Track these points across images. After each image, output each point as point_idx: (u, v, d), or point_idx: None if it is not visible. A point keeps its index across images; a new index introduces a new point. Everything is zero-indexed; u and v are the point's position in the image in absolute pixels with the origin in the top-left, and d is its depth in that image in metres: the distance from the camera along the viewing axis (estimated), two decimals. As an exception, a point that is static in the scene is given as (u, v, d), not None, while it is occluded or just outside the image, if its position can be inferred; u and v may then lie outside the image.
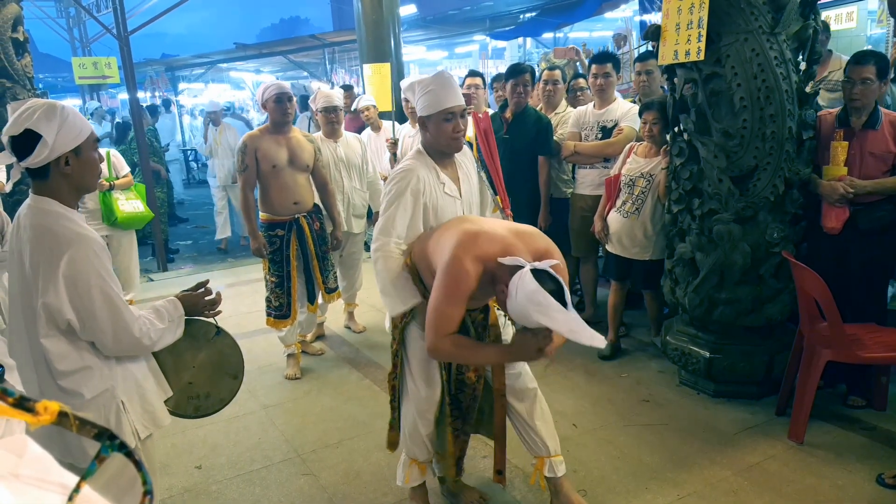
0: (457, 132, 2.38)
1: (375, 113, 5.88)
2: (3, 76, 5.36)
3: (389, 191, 2.40)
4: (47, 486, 0.38)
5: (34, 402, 0.38)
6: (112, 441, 0.39)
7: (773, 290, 3.36)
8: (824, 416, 3.24)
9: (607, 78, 4.36)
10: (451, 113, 2.35)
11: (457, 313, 2.02)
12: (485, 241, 2.02)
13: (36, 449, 0.42)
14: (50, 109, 1.79)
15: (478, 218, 2.37)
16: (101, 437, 0.39)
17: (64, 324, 1.82)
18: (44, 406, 0.37)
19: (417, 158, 2.44)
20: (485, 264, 1.99)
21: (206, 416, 2.22)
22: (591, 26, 16.20)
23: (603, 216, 4.14)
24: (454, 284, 1.99)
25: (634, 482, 2.84)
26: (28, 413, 0.38)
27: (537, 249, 2.04)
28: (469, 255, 1.98)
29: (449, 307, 2.01)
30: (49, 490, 0.38)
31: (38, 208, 1.85)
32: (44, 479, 0.38)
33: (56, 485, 0.38)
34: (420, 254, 2.31)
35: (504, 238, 2.04)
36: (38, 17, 15.08)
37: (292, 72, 19.23)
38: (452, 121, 2.36)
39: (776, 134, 3.15)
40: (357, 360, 4.39)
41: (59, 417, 0.38)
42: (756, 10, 3.06)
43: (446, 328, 2.02)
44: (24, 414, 0.37)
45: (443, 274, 2.02)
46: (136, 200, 5.01)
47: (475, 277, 1.98)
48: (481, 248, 1.99)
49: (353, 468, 3.06)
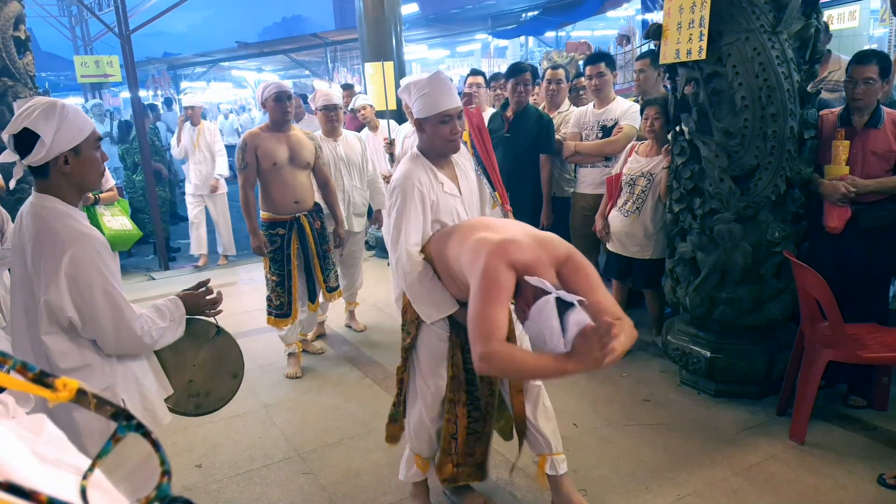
0: (454, 134, 2.37)
1: (372, 112, 5.88)
2: (5, 75, 5.36)
3: (395, 201, 2.38)
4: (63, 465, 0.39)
5: (54, 379, 0.38)
6: (129, 421, 0.39)
7: (774, 290, 3.35)
8: (825, 416, 3.24)
9: (602, 77, 4.38)
10: (447, 115, 2.34)
11: (502, 315, 1.88)
12: (515, 248, 1.95)
13: (52, 429, 0.42)
14: (49, 108, 1.79)
15: (495, 222, 2.27)
16: (118, 417, 0.39)
17: (65, 321, 1.83)
18: (63, 383, 0.38)
19: (414, 162, 2.43)
20: (517, 273, 1.93)
21: (206, 414, 2.23)
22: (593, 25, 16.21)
23: (604, 215, 4.14)
24: (494, 286, 1.90)
25: (635, 482, 2.84)
26: (47, 389, 0.38)
27: (558, 258, 2.00)
28: (504, 262, 1.92)
29: (492, 309, 1.87)
30: (65, 469, 0.38)
31: (40, 206, 1.85)
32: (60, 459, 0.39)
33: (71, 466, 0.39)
34: (437, 255, 2.29)
35: (530, 247, 1.98)
36: (40, 16, 15.09)
37: (294, 70, 19.26)
38: (449, 123, 2.35)
39: (777, 133, 3.14)
40: (357, 359, 4.39)
41: (78, 395, 0.38)
42: (758, 8, 3.05)
43: (495, 333, 1.85)
44: (43, 390, 0.38)
45: (480, 280, 1.93)
46: (123, 217, 4.75)
47: (511, 282, 1.92)
48: (513, 256, 1.93)
49: (353, 467, 3.07)
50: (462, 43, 18.63)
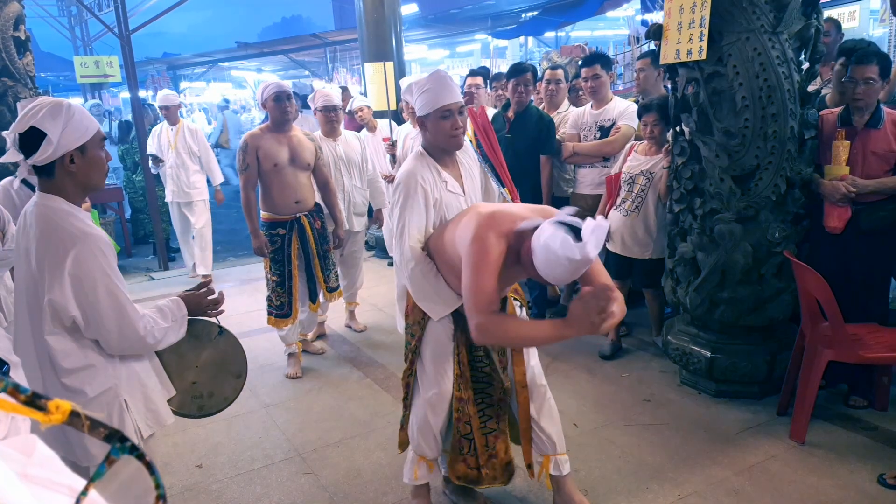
0: (455, 129, 2.38)
1: (369, 114, 5.88)
2: (5, 75, 5.37)
3: (398, 198, 2.39)
4: (56, 486, 0.38)
5: (46, 401, 0.37)
6: (123, 443, 0.38)
7: (774, 290, 3.35)
8: (826, 416, 3.24)
9: (597, 79, 4.40)
10: (448, 110, 2.36)
11: (490, 284, 1.95)
12: (502, 217, 2.04)
13: (44, 449, 0.41)
14: (55, 108, 1.79)
15: (489, 203, 2.40)
16: (112, 439, 0.38)
17: (69, 321, 1.83)
18: (55, 405, 0.37)
19: (418, 160, 2.44)
20: (507, 240, 1.99)
21: (210, 415, 2.22)
22: (592, 25, 16.21)
23: (604, 214, 4.14)
24: (482, 256, 1.97)
25: (635, 482, 2.84)
26: (39, 411, 0.37)
27: None
28: (492, 231, 1.99)
29: (481, 279, 1.95)
30: (58, 491, 0.38)
31: (44, 206, 1.86)
32: (52, 480, 0.38)
33: (65, 486, 0.38)
34: (436, 248, 2.31)
35: (521, 212, 2.08)
36: (40, 16, 15.06)
37: (294, 70, 19.25)
38: (450, 118, 2.36)
39: (778, 133, 3.14)
40: (358, 359, 4.40)
41: (71, 417, 0.38)
42: (758, 9, 3.05)
43: (486, 303, 1.93)
44: (35, 412, 0.37)
45: (468, 252, 2.00)
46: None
47: (500, 252, 1.98)
48: (501, 225, 2.01)
49: (353, 467, 3.07)
50: (462, 43, 18.64)
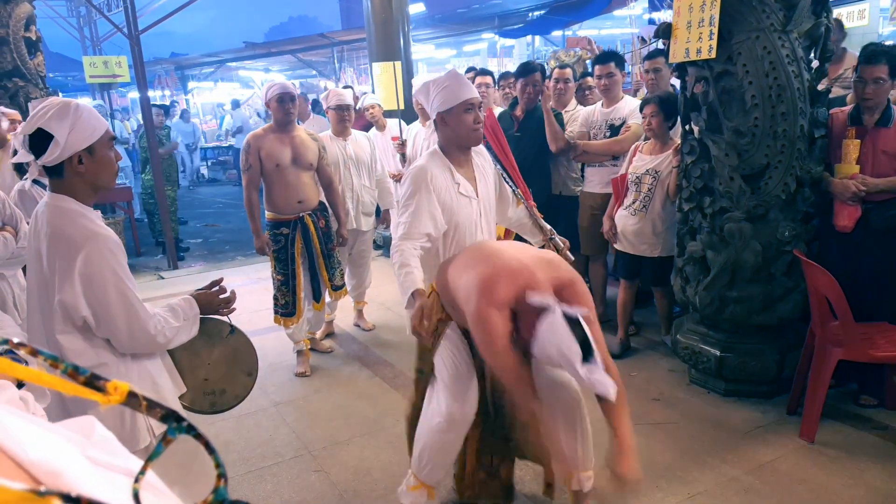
0: (477, 122, 2.41)
1: (380, 112, 5.89)
2: (17, 75, 5.41)
3: (405, 191, 2.39)
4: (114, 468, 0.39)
5: (105, 382, 0.37)
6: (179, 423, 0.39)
7: (784, 289, 3.35)
8: (836, 415, 3.23)
9: (611, 77, 4.38)
10: (471, 104, 2.38)
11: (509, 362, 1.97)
12: (504, 284, 1.96)
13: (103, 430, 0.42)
14: (63, 109, 1.80)
15: (496, 247, 2.25)
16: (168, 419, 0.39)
17: (80, 321, 1.85)
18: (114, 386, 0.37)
19: (431, 159, 2.44)
20: (509, 307, 1.96)
21: (221, 412, 2.24)
22: (600, 24, 16.15)
23: (611, 216, 4.14)
24: (490, 345, 1.97)
25: (645, 480, 2.82)
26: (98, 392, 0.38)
27: (560, 279, 2.00)
28: (493, 306, 1.95)
29: (501, 358, 1.97)
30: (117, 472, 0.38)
31: (55, 206, 1.87)
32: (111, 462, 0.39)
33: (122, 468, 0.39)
34: (442, 286, 2.28)
35: (524, 270, 1.98)
36: (49, 17, 15.14)
37: (301, 70, 19.27)
38: (472, 111, 2.38)
39: (788, 132, 3.14)
40: (367, 357, 4.41)
41: (129, 398, 0.38)
42: (768, 7, 3.05)
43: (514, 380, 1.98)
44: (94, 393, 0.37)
45: (475, 332, 2.01)
46: None
47: (506, 328, 1.95)
48: (502, 295, 1.95)
49: (363, 465, 3.08)
50: (469, 42, 18.62)
